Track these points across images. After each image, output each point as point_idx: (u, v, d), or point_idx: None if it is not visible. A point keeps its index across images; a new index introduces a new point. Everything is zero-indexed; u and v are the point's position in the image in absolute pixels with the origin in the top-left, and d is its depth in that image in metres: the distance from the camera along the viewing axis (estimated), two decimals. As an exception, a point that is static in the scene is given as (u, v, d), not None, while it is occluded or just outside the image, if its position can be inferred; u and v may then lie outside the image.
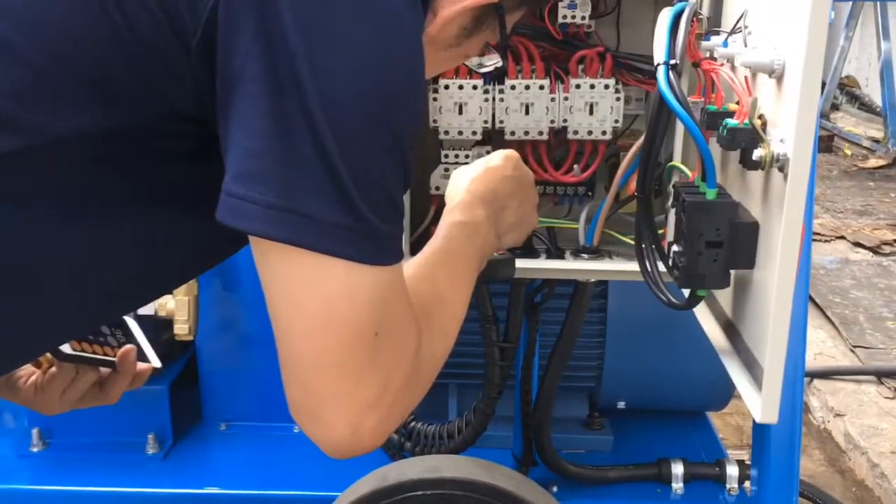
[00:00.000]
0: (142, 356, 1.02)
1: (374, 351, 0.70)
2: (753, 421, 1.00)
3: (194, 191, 0.71)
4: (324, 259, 0.66)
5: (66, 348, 0.94)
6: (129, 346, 0.99)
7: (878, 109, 6.35)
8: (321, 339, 0.68)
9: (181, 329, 1.54)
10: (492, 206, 0.99)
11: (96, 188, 0.71)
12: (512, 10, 0.86)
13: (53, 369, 0.95)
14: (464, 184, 1.00)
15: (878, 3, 6.13)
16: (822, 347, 3.06)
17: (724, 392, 1.72)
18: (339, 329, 0.68)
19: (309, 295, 0.67)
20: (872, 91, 6.83)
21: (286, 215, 0.64)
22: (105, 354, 0.98)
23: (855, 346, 3.03)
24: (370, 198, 0.66)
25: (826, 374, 2.83)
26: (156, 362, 1.04)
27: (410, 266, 0.87)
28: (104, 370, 0.99)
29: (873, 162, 5.75)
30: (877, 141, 5.99)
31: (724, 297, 1.03)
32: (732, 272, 0.92)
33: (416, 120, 0.72)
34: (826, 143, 6.09)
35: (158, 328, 1.58)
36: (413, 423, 1.54)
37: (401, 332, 0.73)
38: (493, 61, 0.94)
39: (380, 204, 0.67)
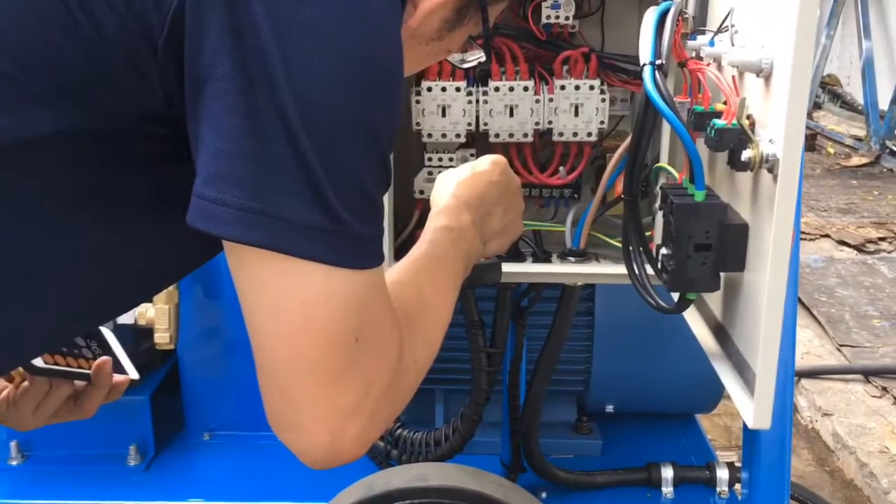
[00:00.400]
0: (118, 368, 0.99)
1: (354, 357, 0.68)
2: (744, 423, 0.99)
3: (169, 194, 0.69)
4: (300, 263, 0.64)
5: (38, 362, 0.91)
6: (104, 357, 0.96)
7: (859, 108, 6.38)
8: (298, 345, 0.66)
9: (162, 338, 1.51)
10: (478, 212, 0.97)
11: (67, 192, 0.68)
12: (494, 2, 0.84)
13: (26, 384, 0.93)
14: (450, 188, 0.98)
15: (859, 2, 6.16)
16: (809, 346, 3.06)
17: (713, 394, 1.72)
18: (316, 334, 0.65)
19: (285, 300, 0.65)
20: (854, 90, 6.87)
21: (260, 218, 0.62)
22: (80, 367, 0.95)
23: (842, 345, 3.03)
24: (347, 199, 0.64)
25: (813, 374, 2.83)
26: (133, 374, 1.01)
27: (394, 271, 0.85)
28: (79, 383, 0.96)
29: (856, 160, 5.77)
30: (859, 139, 6.02)
31: (713, 299, 1.01)
32: (722, 275, 0.91)
33: (394, 117, 0.70)
34: (809, 141, 6.12)
35: (138, 337, 1.55)
36: (399, 431, 1.53)
37: (381, 338, 0.71)
38: (475, 56, 0.92)
39: (358, 205, 0.65)
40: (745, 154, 0.81)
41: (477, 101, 1.19)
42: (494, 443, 1.59)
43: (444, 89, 1.18)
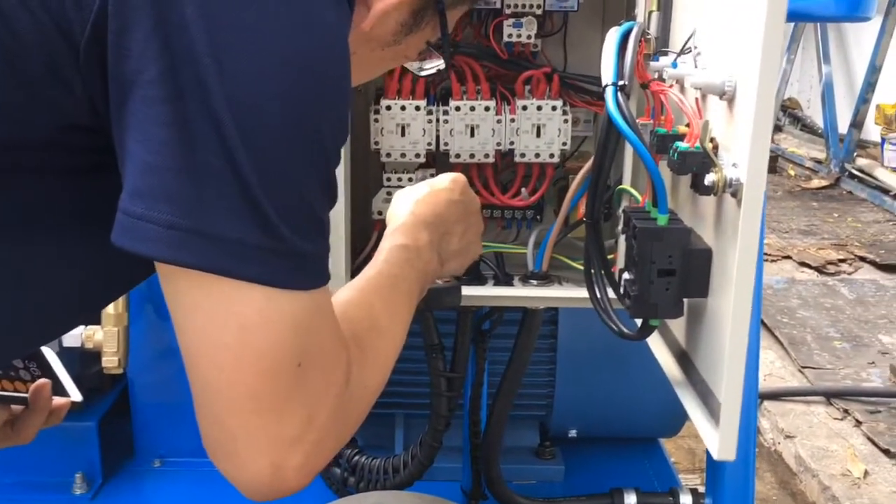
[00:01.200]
0: (60, 390, 0.94)
1: (296, 383, 0.63)
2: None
3: (98, 209, 0.64)
4: (237, 284, 0.60)
5: None
6: (42, 380, 0.91)
7: (819, 131, 6.49)
8: (236, 372, 0.61)
9: (110, 361, 1.46)
10: (436, 231, 0.94)
11: None
12: (453, 6, 0.81)
13: None
14: (408, 206, 0.95)
15: (819, 28, 6.28)
16: (772, 368, 3.07)
17: (677, 418, 1.70)
18: (255, 360, 0.61)
19: (221, 324, 0.61)
20: (814, 113, 6.99)
21: (190, 236, 0.58)
22: (16, 390, 0.90)
23: (803, 367, 3.05)
24: (289, 215, 0.60)
25: (776, 396, 2.84)
26: (76, 396, 0.96)
27: (346, 290, 0.81)
28: (16, 407, 0.91)
29: (816, 182, 5.86)
30: (819, 162, 6.11)
31: (676, 325, 0.99)
32: (685, 300, 0.89)
33: (340, 127, 0.66)
34: (770, 163, 6.15)
35: (86, 361, 1.50)
36: (357, 457, 1.48)
37: (327, 362, 0.67)
38: (434, 64, 0.89)
39: (300, 221, 0.61)
40: (709, 178, 0.79)
41: (437, 121, 1.16)
42: (455, 469, 1.56)
43: (403, 108, 1.16)
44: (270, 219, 0.59)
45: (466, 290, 1.10)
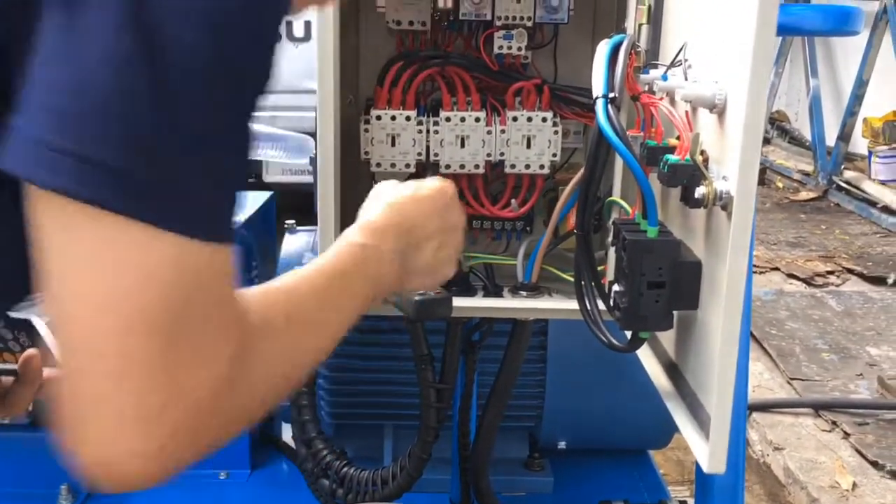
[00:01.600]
0: (52, 361, 0.93)
1: (165, 348, 0.53)
2: (697, 462, 0.98)
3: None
4: (112, 219, 0.51)
5: None
6: (31, 351, 0.89)
7: (807, 143, 6.53)
8: (92, 324, 0.52)
9: (97, 372, 1.44)
10: (405, 241, 0.86)
11: None
12: None
13: None
14: (382, 206, 0.88)
15: (806, 41, 6.33)
16: (760, 380, 3.07)
17: (667, 430, 1.70)
18: (118, 310, 0.51)
19: (89, 264, 0.52)
20: (802, 126, 7.03)
21: (63, 158, 0.49)
22: (4, 361, 0.89)
23: (792, 379, 3.05)
24: (187, 151, 0.52)
25: (764, 408, 2.84)
26: None
27: (284, 276, 0.74)
28: (6, 379, 0.89)
29: (804, 194, 5.89)
30: (807, 174, 6.14)
31: (666, 336, 0.99)
32: (675, 313, 0.89)
33: (264, 68, 0.57)
34: (759, 175, 6.20)
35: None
36: (346, 469, 1.47)
37: (211, 330, 0.56)
38: None
39: (200, 161, 0.53)
40: (699, 191, 0.79)
41: (427, 131, 1.16)
42: (444, 480, 1.55)
43: (393, 118, 1.15)
44: (161, 151, 0.52)
45: (456, 302, 1.09)
